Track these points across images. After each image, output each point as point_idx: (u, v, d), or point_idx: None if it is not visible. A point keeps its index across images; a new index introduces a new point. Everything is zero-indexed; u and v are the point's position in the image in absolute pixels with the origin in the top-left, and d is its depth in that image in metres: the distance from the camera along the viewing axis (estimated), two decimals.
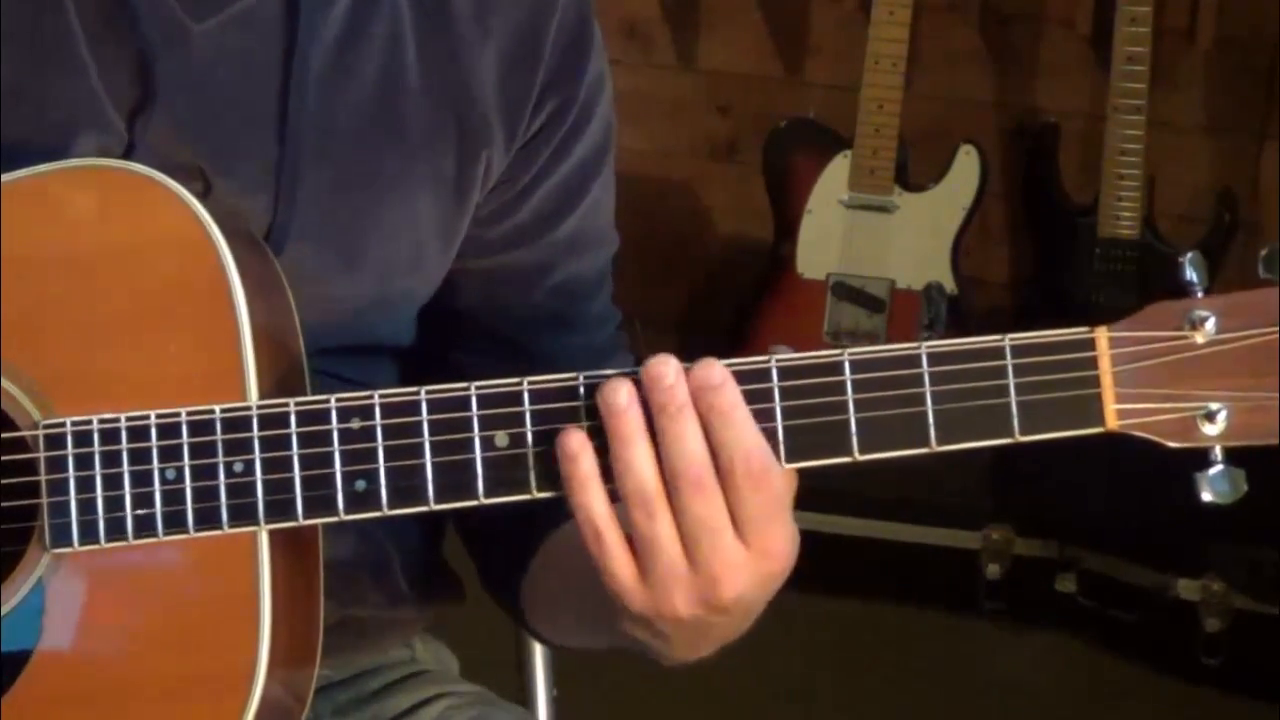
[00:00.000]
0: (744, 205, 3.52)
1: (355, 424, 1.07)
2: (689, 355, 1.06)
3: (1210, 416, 1.02)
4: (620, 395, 1.04)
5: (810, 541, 1.08)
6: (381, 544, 1.35)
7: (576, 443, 1.04)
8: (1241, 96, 3.41)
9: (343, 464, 1.07)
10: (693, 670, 1.19)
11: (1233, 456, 1.03)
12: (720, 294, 3.54)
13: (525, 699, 1.53)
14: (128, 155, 1.18)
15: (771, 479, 1.04)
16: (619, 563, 1.06)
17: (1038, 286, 3.34)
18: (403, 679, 1.41)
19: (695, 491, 1.04)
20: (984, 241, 3.46)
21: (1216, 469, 1.03)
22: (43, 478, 1.10)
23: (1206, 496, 1.03)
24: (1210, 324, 1.03)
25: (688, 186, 3.68)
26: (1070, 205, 3.28)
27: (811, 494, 1.06)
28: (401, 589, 1.38)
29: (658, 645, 1.12)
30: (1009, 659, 3.14)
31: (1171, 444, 1.03)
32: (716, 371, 1.04)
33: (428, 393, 1.07)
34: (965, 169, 3.26)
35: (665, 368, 1.04)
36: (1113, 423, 1.03)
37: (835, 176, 3.27)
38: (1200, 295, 1.03)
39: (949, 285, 3.22)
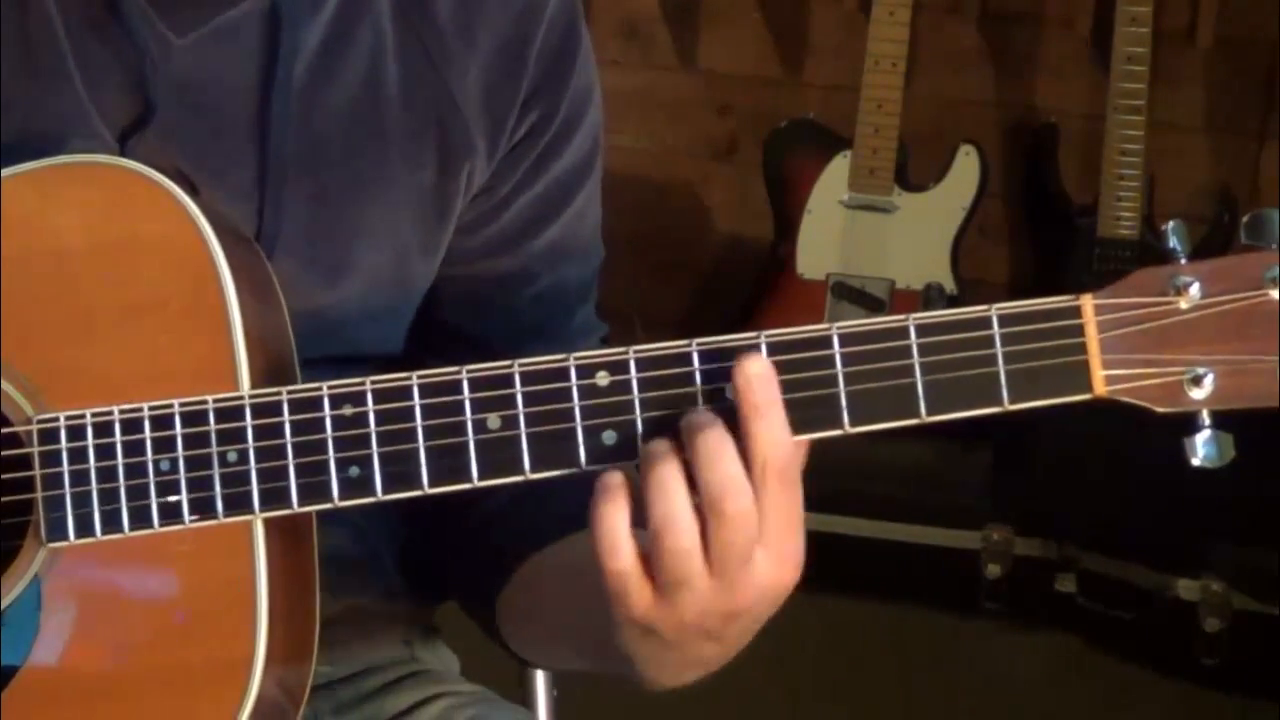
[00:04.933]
0: (744, 205, 3.53)
1: (348, 410, 1.07)
2: None
3: (1197, 380, 1.02)
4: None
5: (810, 541, 1.06)
6: (374, 540, 1.35)
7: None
8: (1241, 96, 3.42)
9: (336, 450, 1.07)
10: None
11: (1221, 422, 1.03)
12: (720, 294, 3.54)
13: (525, 699, 1.53)
14: None
15: (799, 481, 1.02)
16: (632, 573, 1.02)
17: (1038, 286, 3.34)
18: (403, 678, 1.41)
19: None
20: (984, 241, 3.46)
21: (1204, 434, 1.03)
22: (37, 472, 1.10)
23: (1195, 461, 1.03)
24: (1194, 289, 1.02)
25: (688, 186, 3.68)
26: (1070, 205, 3.28)
27: (812, 494, 1.05)
28: (396, 582, 1.38)
29: (646, 656, 1.08)
30: (1009, 659, 3.13)
31: (1159, 409, 1.02)
32: (761, 363, 1.01)
33: (419, 378, 1.07)
34: (965, 169, 3.26)
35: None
36: (1100, 389, 1.03)
37: (835, 176, 3.27)
38: (1183, 262, 1.03)
39: (949, 285, 3.22)
